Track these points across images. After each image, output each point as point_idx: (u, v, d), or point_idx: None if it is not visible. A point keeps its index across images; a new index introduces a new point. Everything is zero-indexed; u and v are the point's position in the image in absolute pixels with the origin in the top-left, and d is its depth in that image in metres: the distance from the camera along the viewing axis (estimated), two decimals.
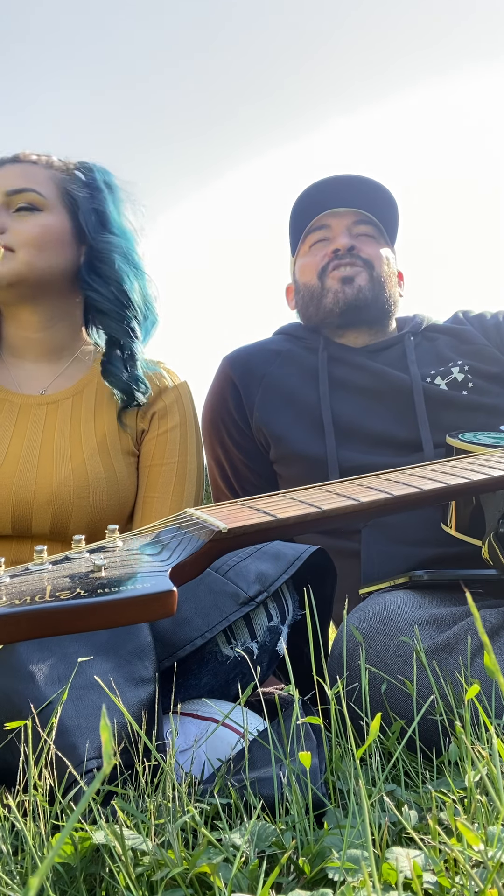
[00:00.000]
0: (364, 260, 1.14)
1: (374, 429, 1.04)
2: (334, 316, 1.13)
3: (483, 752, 0.44)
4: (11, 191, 0.98)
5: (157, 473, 1.03)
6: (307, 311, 1.19)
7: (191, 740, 0.59)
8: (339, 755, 0.53)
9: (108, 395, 1.05)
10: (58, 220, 1.00)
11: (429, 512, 0.92)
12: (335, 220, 1.17)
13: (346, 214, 1.17)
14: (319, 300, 1.15)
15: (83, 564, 0.42)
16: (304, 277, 1.18)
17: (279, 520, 0.51)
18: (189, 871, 0.38)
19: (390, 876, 0.36)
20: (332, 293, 1.13)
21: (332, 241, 1.16)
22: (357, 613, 0.79)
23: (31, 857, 0.41)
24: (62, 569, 0.41)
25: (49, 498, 0.94)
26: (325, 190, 1.17)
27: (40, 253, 0.98)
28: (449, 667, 0.67)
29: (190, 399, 1.10)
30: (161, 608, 0.36)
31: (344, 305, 1.12)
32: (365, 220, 1.17)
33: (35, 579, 0.40)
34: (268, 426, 1.10)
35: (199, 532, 0.49)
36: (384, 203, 1.18)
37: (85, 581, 0.38)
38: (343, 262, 1.13)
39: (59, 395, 1.03)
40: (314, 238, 1.18)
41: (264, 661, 0.69)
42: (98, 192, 1.04)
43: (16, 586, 0.38)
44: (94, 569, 0.40)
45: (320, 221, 1.18)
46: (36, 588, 0.37)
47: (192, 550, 0.46)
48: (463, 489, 0.59)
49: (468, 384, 1.06)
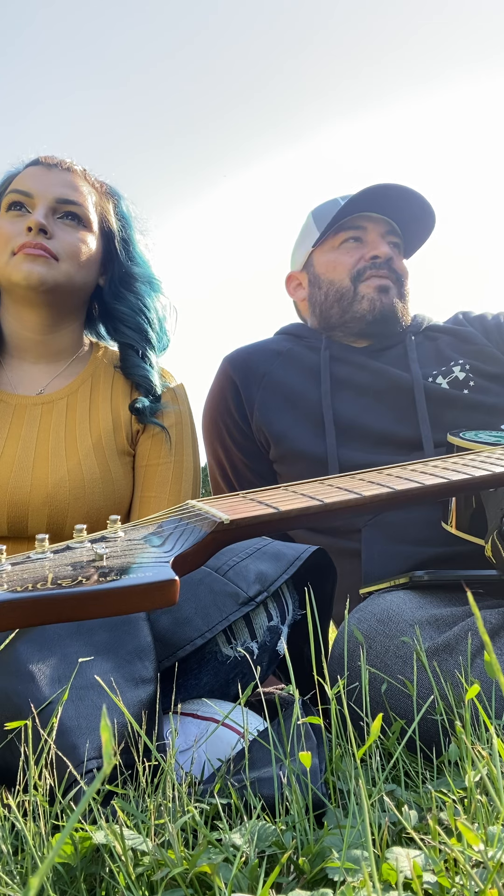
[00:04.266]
0: (397, 274, 1.15)
1: (374, 428, 1.04)
2: (363, 323, 1.13)
3: (483, 752, 0.44)
4: (63, 200, 1.00)
5: (153, 473, 1.03)
6: (328, 310, 1.17)
7: (191, 740, 0.59)
8: (339, 755, 0.53)
9: (102, 393, 1.05)
10: (95, 241, 1.04)
11: (429, 511, 0.92)
12: (371, 225, 1.16)
13: (381, 222, 1.16)
14: (350, 303, 1.14)
15: (85, 553, 0.42)
16: (333, 275, 1.16)
17: (281, 512, 0.51)
18: (189, 871, 0.38)
19: (390, 876, 0.36)
20: (369, 300, 1.12)
21: (368, 246, 1.15)
22: (357, 614, 0.79)
23: (32, 857, 0.41)
24: (63, 557, 0.41)
25: (45, 499, 0.94)
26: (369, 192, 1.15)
27: (80, 269, 1.01)
28: (449, 667, 0.67)
29: (185, 399, 1.11)
30: (163, 597, 0.36)
31: (379, 314, 1.12)
32: (394, 231, 1.17)
33: (36, 567, 0.40)
34: (268, 425, 1.10)
35: (202, 523, 0.49)
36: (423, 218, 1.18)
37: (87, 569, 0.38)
38: (381, 271, 1.13)
39: (54, 395, 1.03)
40: (347, 236, 1.16)
41: (264, 661, 0.69)
42: (126, 222, 1.09)
43: (17, 574, 0.38)
44: (95, 557, 0.40)
45: (356, 222, 1.16)
46: (37, 575, 0.37)
47: (195, 541, 0.46)
48: (464, 485, 0.59)
49: (469, 383, 1.06)
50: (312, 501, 0.53)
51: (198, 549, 0.46)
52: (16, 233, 0.97)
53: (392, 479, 0.59)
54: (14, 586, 0.35)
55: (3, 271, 0.98)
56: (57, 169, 1.02)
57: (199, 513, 0.51)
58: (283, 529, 0.53)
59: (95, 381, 1.06)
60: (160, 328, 1.11)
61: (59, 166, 1.03)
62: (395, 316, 1.13)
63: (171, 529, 0.50)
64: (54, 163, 1.03)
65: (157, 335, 1.10)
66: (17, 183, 1.01)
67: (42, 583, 0.36)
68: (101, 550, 0.40)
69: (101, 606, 0.35)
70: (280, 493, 0.57)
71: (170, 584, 0.36)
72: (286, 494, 0.56)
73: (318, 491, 0.56)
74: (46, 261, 0.97)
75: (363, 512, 0.55)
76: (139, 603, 0.36)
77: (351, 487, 0.56)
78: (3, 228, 0.99)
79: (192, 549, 0.45)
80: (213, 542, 0.48)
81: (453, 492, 0.59)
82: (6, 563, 0.41)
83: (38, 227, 0.96)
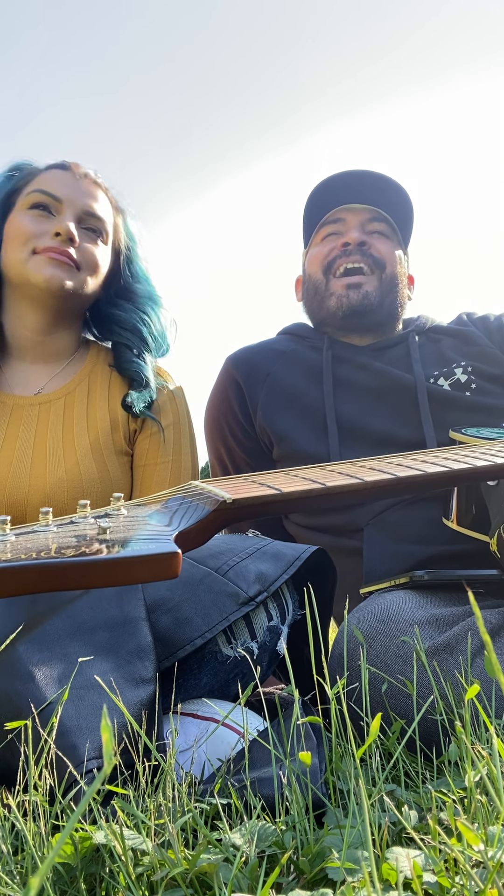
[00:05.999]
0: (375, 258, 1.14)
1: (377, 428, 1.04)
2: (336, 318, 1.14)
3: (483, 752, 0.44)
4: (90, 212, 1.02)
5: (151, 473, 1.03)
6: (311, 304, 1.19)
7: (191, 740, 0.59)
8: (339, 755, 0.53)
9: (99, 393, 1.05)
10: (108, 258, 1.06)
11: (432, 510, 0.92)
12: (350, 215, 1.16)
13: (362, 211, 1.17)
14: (323, 299, 1.15)
15: (88, 527, 0.42)
16: (311, 269, 1.18)
17: (283, 493, 0.51)
18: (189, 871, 0.38)
19: (390, 876, 0.36)
20: (336, 297, 1.13)
21: (344, 235, 1.15)
22: (357, 613, 0.79)
23: (32, 857, 0.41)
24: (67, 530, 0.42)
25: (43, 499, 0.94)
26: (342, 184, 1.17)
27: (94, 281, 1.04)
28: (449, 667, 0.67)
29: (183, 398, 1.11)
30: (165, 569, 0.36)
31: (347, 310, 1.12)
32: (380, 217, 1.17)
33: (40, 538, 0.40)
34: (271, 425, 1.10)
35: (205, 501, 0.49)
36: (400, 203, 1.18)
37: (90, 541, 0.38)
38: (352, 257, 1.12)
39: (51, 395, 1.03)
40: (327, 230, 1.18)
41: (264, 661, 0.69)
42: (130, 238, 1.11)
43: (21, 543, 0.39)
44: (99, 531, 0.40)
45: (335, 215, 1.17)
46: (41, 545, 0.38)
47: (197, 519, 0.47)
48: (467, 474, 0.59)
49: (471, 385, 1.06)
50: (314, 484, 0.53)
51: (200, 526, 0.47)
52: (39, 233, 0.98)
53: (394, 466, 0.60)
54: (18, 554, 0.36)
55: (19, 268, 0.99)
56: (85, 180, 1.04)
57: (203, 492, 0.52)
58: (284, 511, 0.54)
59: (92, 380, 1.06)
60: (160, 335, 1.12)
61: (87, 177, 1.05)
62: (373, 307, 1.12)
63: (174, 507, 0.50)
64: (82, 172, 1.05)
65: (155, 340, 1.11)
66: (42, 183, 1.01)
67: (45, 552, 0.36)
68: (104, 524, 0.41)
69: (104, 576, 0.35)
70: (282, 476, 0.58)
71: (172, 556, 0.36)
72: (288, 477, 0.57)
73: (321, 475, 0.57)
74: (69, 268, 0.99)
75: (364, 497, 0.55)
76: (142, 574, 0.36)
77: (353, 473, 0.57)
78: (25, 226, 0.99)
79: (195, 526, 0.46)
80: (216, 521, 0.48)
81: (455, 481, 0.60)
82: (10, 533, 0.41)
83: (69, 236, 0.98)
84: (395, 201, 1.18)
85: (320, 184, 1.18)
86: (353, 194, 1.16)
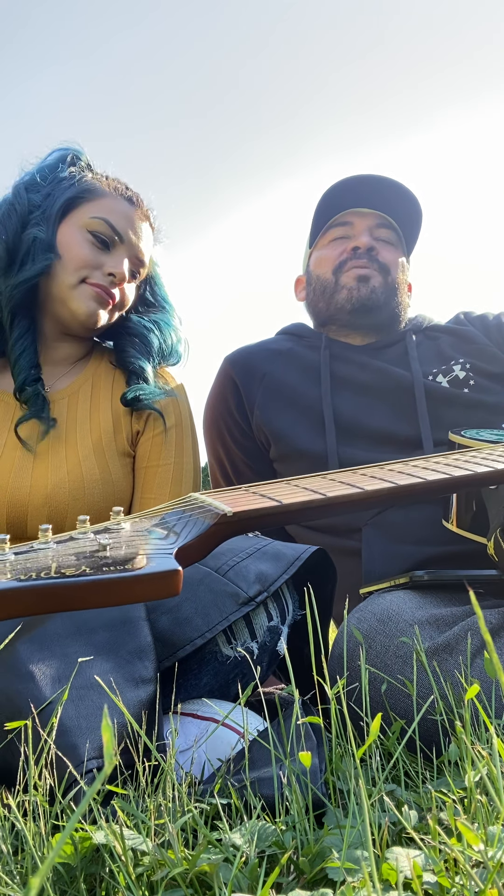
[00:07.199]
0: (381, 264, 1.15)
1: (375, 426, 1.04)
2: (345, 313, 1.14)
3: (483, 752, 0.44)
4: (140, 260, 1.05)
5: (153, 474, 1.03)
6: (317, 305, 1.20)
7: (191, 740, 0.59)
8: (339, 755, 0.53)
9: (103, 394, 1.05)
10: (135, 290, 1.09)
11: (430, 511, 0.92)
12: (358, 219, 1.18)
13: (370, 216, 1.18)
14: (332, 295, 1.16)
15: (88, 544, 0.42)
16: (319, 269, 1.19)
17: (284, 505, 0.51)
18: (189, 871, 0.38)
19: (390, 876, 0.36)
20: (347, 290, 1.14)
21: (353, 239, 1.16)
22: (357, 613, 0.79)
23: (32, 857, 0.41)
24: (67, 548, 0.41)
25: (44, 500, 0.94)
26: (353, 187, 1.17)
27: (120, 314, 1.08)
28: (449, 667, 0.67)
29: (186, 400, 1.11)
30: (166, 587, 0.36)
31: (357, 303, 1.13)
32: (386, 224, 1.18)
33: (40, 557, 0.40)
34: (268, 425, 1.10)
35: (205, 515, 0.49)
36: (408, 210, 1.19)
37: (90, 559, 0.38)
38: (360, 261, 1.14)
39: (55, 395, 1.03)
40: (336, 233, 1.19)
41: (264, 661, 0.69)
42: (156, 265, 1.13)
43: (21, 563, 0.38)
44: (99, 548, 0.40)
45: (344, 218, 1.18)
46: (41, 565, 0.37)
47: (198, 533, 0.46)
48: (467, 481, 0.59)
49: (469, 382, 1.06)
50: (315, 495, 0.53)
51: (201, 540, 0.46)
52: (95, 265, 0.99)
53: (394, 474, 0.60)
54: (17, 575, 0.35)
55: (64, 290, 0.99)
56: (145, 223, 1.06)
57: (203, 505, 0.52)
58: (285, 523, 0.54)
59: (96, 381, 1.06)
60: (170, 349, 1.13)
61: (146, 219, 1.06)
62: (379, 304, 1.13)
63: (174, 521, 0.50)
64: (145, 213, 1.06)
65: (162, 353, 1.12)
66: (108, 212, 1.01)
67: (45, 572, 0.36)
68: (104, 541, 0.40)
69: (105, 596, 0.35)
70: (282, 487, 0.57)
71: (173, 575, 0.36)
72: (288, 488, 0.56)
73: (321, 485, 0.56)
74: (111, 309, 1.03)
75: (365, 507, 0.55)
76: (143, 593, 0.36)
77: (353, 482, 0.57)
78: (84, 252, 0.99)
79: (195, 540, 0.46)
80: (216, 534, 0.48)
81: (455, 487, 0.59)
82: (9, 552, 0.41)
83: (122, 280, 1.01)
84: (402, 208, 1.18)
85: (332, 186, 1.19)
86: (362, 199, 1.17)
